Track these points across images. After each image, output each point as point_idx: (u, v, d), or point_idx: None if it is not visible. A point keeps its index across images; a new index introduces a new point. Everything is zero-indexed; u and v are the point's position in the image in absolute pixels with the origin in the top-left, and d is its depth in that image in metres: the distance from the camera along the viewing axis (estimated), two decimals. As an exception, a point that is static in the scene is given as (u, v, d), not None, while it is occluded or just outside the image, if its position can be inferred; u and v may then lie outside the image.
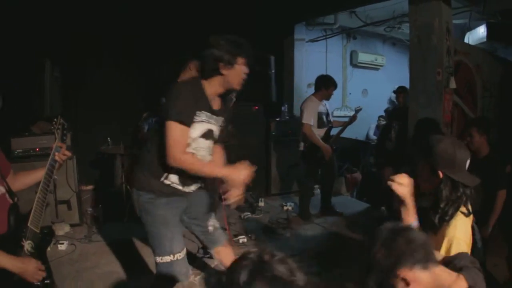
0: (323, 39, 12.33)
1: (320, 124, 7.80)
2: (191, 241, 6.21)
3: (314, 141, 7.56)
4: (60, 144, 3.39)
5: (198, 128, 3.67)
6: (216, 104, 3.83)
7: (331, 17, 11.64)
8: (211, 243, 4.32)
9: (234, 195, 3.52)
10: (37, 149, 7.02)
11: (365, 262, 2.23)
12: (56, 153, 3.37)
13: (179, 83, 3.72)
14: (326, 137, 7.79)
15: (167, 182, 3.83)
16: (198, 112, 3.62)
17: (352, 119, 8.15)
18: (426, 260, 2.14)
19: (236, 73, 3.63)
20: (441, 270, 2.27)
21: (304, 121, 7.61)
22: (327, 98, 7.94)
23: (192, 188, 4.03)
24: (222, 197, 3.69)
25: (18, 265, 2.87)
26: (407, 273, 2.10)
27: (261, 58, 8.98)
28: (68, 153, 3.45)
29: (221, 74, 3.62)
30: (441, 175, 2.94)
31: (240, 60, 3.60)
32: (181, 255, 3.90)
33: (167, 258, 3.84)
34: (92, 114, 8.79)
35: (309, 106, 7.73)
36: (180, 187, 3.90)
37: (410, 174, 2.95)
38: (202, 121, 3.66)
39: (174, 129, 3.46)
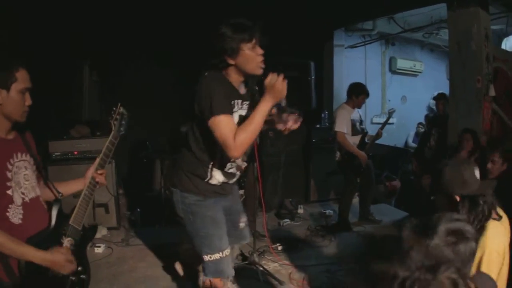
0: (362, 45, 12.28)
1: (354, 131, 7.70)
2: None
3: (349, 149, 7.46)
4: (100, 172, 3.33)
5: (234, 119, 3.54)
6: (242, 89, 3.73)
7: (370, 23, 11.60)
8: (236, 238, 4.29)
9: (294, 119, 3.49)
10: (76, 152, 7.09)
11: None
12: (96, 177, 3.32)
13: (204, 80, 3.56)
14: (361, 145, 7.68)
15: (213, 181, 3.79)
16: (231, 102, 3.52)
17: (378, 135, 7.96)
18: None
19: (246, 59, 3.47)
20: None
21: (337, 129, 7.52)
22: (359, 106, 7.79)
23: (235, 178, 4.00)
24: (286, 127, 3.53)
25: (47, 258, 2.87)
26: None
27: (301, 64, 8.96)
28: (103, 182, 3.40)
29: (232, 65, 3.52)
30: (458, 199, 2.93)
31: (246, 45, 3.45)
32: (228, 250, 3.91)
33: (217, 256, 3.81)
34: (131, 118, 8.79)
35: (341, 114, 7.64)
36: (226, 181, 3.87)
37: None
38: (236, 111, 3.57)
39: (220, 123, 3.31)
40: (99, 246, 6.62)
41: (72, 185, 3.43)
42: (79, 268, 3.20)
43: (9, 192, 2.87)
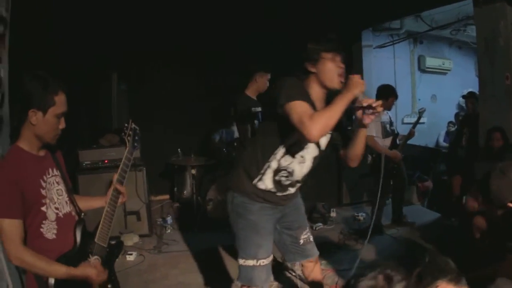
0: (390, 44, 12.20)
1: (385, 134, 7.58)
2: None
3: (381, 151, 7.25)
4: (118, 188, 3.31)
5: None
6: (318, 105, 3.61)
7: (397, 22, 11.56)
8: (299, 255, 4.25)
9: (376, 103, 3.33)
10: (106, 161, 7.14)
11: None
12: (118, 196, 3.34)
13: (283, 80, 3.51)
14: (393, 146, 7.58)
15: (260, 185, 3.78)
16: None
17: (411, 133, 7.85)
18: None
19: (325, 68, 3.51)
20: None
21: (366, 133, 7.33)
22: (388, 108, 7.58)
23: (288, 192, 3.93)
24: (370, 111, 3.37)
25: (77, 274, 2.90)
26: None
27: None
28: (123, 199, 3.41)
29: (312, 73, 3.56)
30: (510, 205, 2.87)
31: (326, 54, 3.49)
32: (265, 261, 3.85)
33: (250, 262, 3.81)
34: (161, 125, 8.97)
35: None
36: (274, 191, 3.82)
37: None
38: None
39: (295, 105, 3.25)
40: (130, 254, 6.64)
41: (94, 202, 3.48)
42: (109, 286, 3.23)
43: (43, 208, 2.90)
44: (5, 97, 4.66)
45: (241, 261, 3.86)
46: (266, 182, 3.77)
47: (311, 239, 4.30)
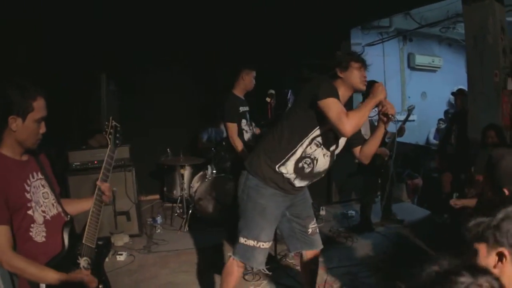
0: (380, 42, 12.23)
1: (373, 131, 7.47)
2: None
3: None
4: (99, 185, 3.32)
5: None
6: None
7: (386, 20, 11.61)
8: (306, 244, 4.50)
9: (390, 106, 4.01)
10: (95, 162, 7.09)
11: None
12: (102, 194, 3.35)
13: (323, 77, 4.09)
14: (381, 144, 7.51)
15: (282, 170, 4.06)
16: None
17: (401, 130, 7.82)
18: None
19: (353, 75, 4.01)
20: None
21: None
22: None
23: (302, 185, 4.25)
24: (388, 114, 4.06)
25: (68, 280, 2.89)
26: None
27: (319, 65, 8.97)
28: (109, 195, 3.40)
29: (340, 77, 4.04)
30: (507, 192, 2.86)
31: (354, 64, 4.01)
32: (264, 245, 4.17)
33: (251, 242, 4.13)
34: (150, 125, 8.98)
35: None
36: (292, 180, 4.11)
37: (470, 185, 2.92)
38: None
39: (332, 104, 3.75)
40: (121, 254, 6.63)
41: (83, 204, 3.48)
42: (100, 287, 3.22)
43: (29, 212, 2.91)
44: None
45: (242, 240, 4.17)
46: (288, 167, 4.06)
47: (317, 230, 4.60)
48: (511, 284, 1.77)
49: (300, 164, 4.06)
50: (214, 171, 8.08)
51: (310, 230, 4.45)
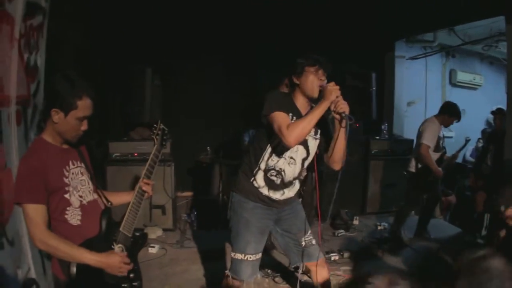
0: (423, 56, 12.12)
1: (437, 148, 7.48)
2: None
3: (429, 163, 7.24)
4: (145, 182, 3.45)
5: None
6: (304, 111, 4.09)
7: (431, 35, 11.50)
8: (303, 257, 4.44)
9: (342, 103, 3.73)
10: (135, 154, 7.26)
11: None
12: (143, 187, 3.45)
13: (271, 91, 4.14)
14: (439, 162, 7.51)
15: (255, 183, 4.20)
16: (289, 113, 3.92)
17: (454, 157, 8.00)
18: None
19: (308, 80, 3.93)
20: None
21: (424, 141, 7.27)
22: (446, 125, 7.59)
23: (279, 196, 4.26)
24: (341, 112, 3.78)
25: (102, 260, 2.98)
26: None
27: (362, 75, 8.97)
28: (150, 192, 3.52)
29: (296, 84, 4.03)
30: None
31: (309, 68, 3.92)
32: (252, 257, 4.21)
33: (238, 256, 4.20)
34: (192, 122, 9.02)
35: (431, 128, 7.41)
36: (266, 192, 4.19)
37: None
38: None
39: (277, 116, 3.78)
40: (153, 247, 6.76)
41: (123, 197, 3.60)
42: (131, 275, 3.29)
43: (66, 196, 3.03)
44: (40, 85, 4.80)
45: (232, 254, 4.28)
46: (259, 181, 4.19)
47: (314, 242, 4.50)
48: None
49: (269, 177, 4.17)
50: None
51: (303, 243, 4.42)
